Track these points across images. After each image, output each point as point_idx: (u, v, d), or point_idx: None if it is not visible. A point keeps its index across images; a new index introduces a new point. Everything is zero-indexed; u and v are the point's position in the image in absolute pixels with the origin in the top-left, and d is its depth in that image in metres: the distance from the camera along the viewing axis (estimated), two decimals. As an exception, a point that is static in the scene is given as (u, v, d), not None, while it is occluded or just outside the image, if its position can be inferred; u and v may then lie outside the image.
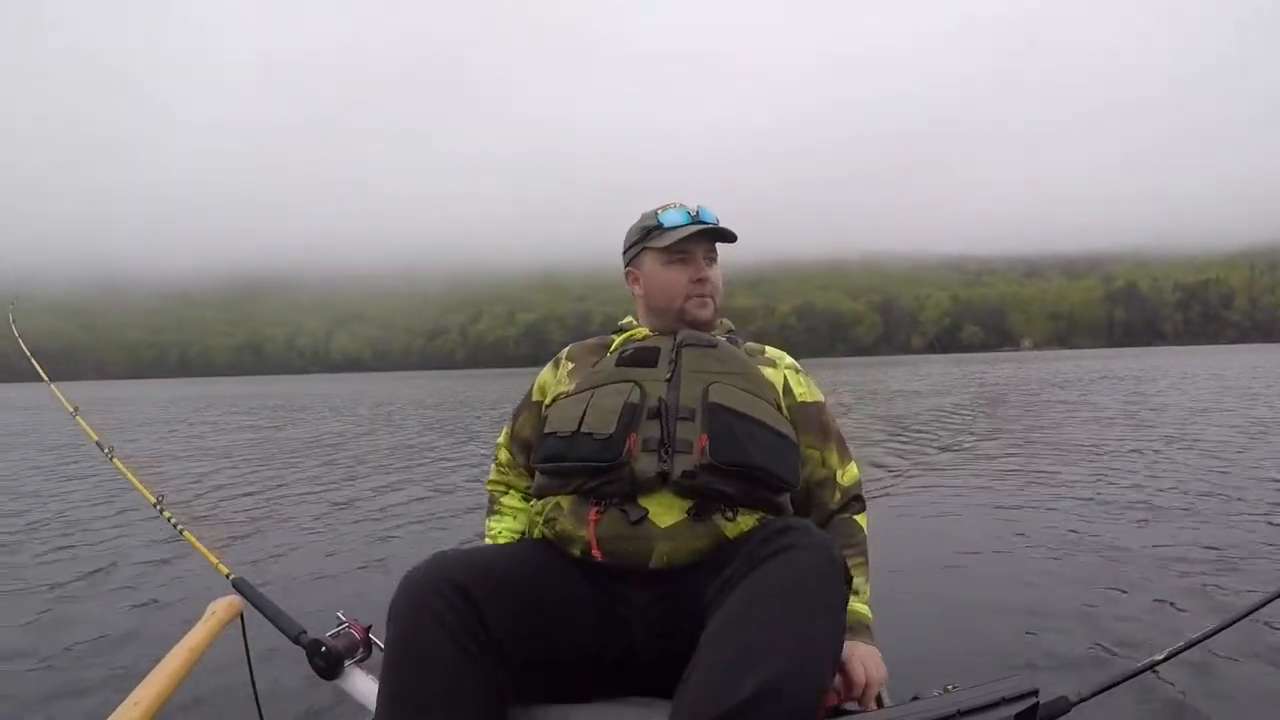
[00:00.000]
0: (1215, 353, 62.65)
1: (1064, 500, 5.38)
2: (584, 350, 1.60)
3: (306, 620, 1.48)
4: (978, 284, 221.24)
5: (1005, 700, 1.04)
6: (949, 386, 22.73)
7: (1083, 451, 7.93)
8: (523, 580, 1.25)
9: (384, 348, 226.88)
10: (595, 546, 1.31)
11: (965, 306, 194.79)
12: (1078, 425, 10.55)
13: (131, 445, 11.77)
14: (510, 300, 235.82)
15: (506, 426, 1.68)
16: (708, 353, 1.47)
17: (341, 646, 1.36)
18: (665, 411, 1.37)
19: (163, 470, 8.18)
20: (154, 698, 1.14)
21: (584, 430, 1.36)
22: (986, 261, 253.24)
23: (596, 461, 1.33)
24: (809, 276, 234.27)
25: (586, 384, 1.46)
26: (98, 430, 2.13)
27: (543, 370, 1.65)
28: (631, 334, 1.59)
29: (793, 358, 1.55)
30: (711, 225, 1.55)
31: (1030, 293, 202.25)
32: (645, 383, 1.41)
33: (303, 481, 7.29)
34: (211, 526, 5.05)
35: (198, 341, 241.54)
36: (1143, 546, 4.08)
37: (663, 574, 1.30)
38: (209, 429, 15.36)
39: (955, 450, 8.45)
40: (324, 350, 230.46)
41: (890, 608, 1.34)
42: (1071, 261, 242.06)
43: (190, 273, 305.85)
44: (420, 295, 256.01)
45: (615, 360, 1.49)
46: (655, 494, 1.32)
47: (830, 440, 1.54)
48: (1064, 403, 14.64)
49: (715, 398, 1.38)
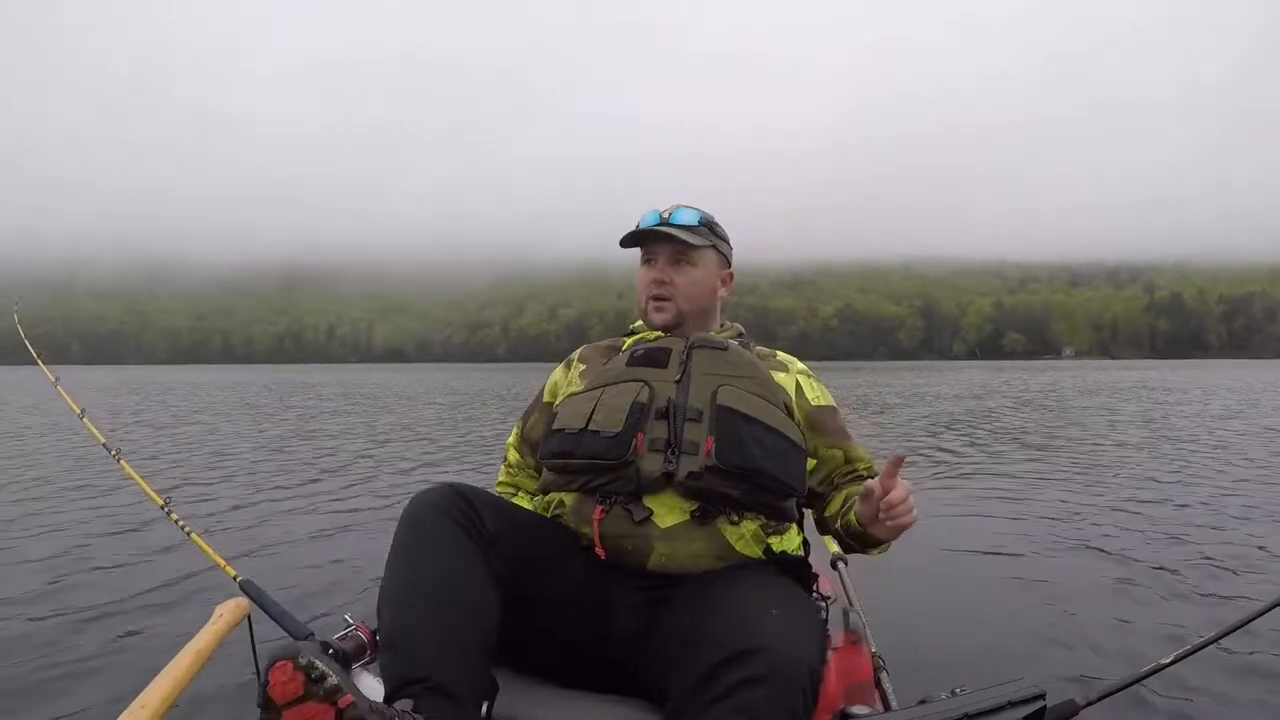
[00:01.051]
0: (1257, 366, 61.88)
1: (1073, 504, 5.46)
2: (596, 351, 1.62)
3: (314, 623, 1.49)
4: (1020, 290, 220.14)
5: (1012, 704, 1.05)
6: (983, 392, 22.87)
7: (1095, 457, 8.05)
8: (528, 523, 1.31)
9: (426, 339, 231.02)
10: (599, 544, 1.33)
11: (1008, 313, 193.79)
12: (1095, 431, 10.75)
13: (142, 441, 11.33)
14: (552, 296, 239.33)
15: (516, 427, 1.69)
16: (719, 355, 1.47)
17: (349, 649, 1.35)
18: (673, 412, 1.37)
19: (169, 467, 8.06)
20: (161, 700, 1.15)
21: (592, 427, 1.37)
22: (1029, 268, 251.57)
23: (603, 459, 1.34)
24: (850, 279, 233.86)
25: (597, 382, 1.47)
26: (105, 432, 2.10)
27: (555, 370, 1.67)
28: (644, 335, 1.61)
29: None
30: (646, 229, 1.54)
31: (1073, 301, 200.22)
32: (655, 383, 1.42)
33: (311, 481, 7.07)
34: (219, 528, 5.02)
35: (240, 329, 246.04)
36: (1151, 551, 4.10)
37: (657, 577, 1.31)
38: (222, 421, 14.75)
39: (968, 453, 8.57)
40: (365, 341, 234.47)
41: (897, 610, 1.25)
42: (1115, 270, 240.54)
43: (236, 262, 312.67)
44: (462, 289, 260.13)
45: (626, 360, 1.50)
46: (660, 494, 1.33)
47: (848, 439, 1.56)
48: (1084, 408, 14.95)
49: (724, 400, 1.38)
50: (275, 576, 3.74)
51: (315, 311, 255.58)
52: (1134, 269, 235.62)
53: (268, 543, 4.61)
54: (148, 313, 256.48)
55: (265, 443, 10.39)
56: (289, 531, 4.93)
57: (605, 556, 1.33)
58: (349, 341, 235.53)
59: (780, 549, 1.40)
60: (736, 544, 1.33)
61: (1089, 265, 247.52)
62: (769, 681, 1.02)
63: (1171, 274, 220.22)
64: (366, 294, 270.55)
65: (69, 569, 4.05)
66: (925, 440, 9.95)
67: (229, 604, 1.49)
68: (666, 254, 1.57)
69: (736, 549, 1.33)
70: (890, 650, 1.40)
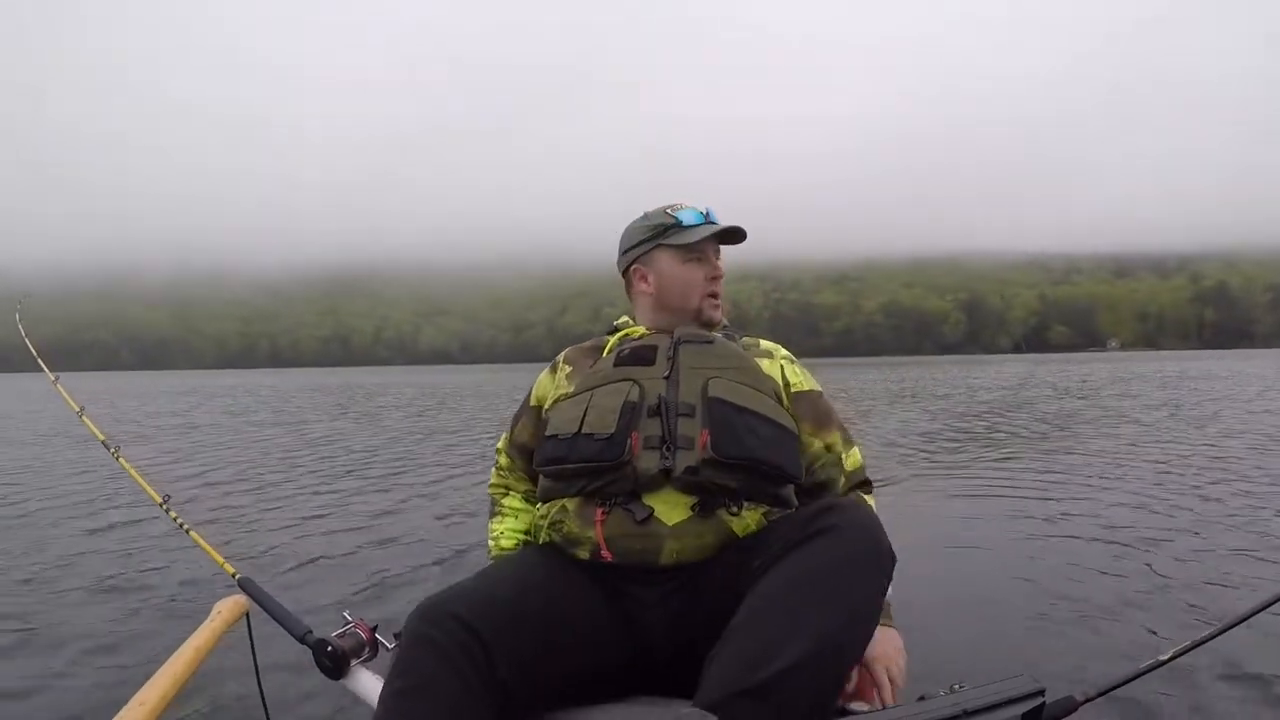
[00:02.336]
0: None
1: (1074, 499, 5.46)
2: (580, 353, 1.63)
3: (313, 620, 1.50)
4: (1065, 282, 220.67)
5: (1011, 700, 1.06)
6: (1013, 385, 23.30)
7: (1098, 451, 8.08)
8: (532, 609, 1.25)
9: (471, 341, 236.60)
10: (604, 547, 1.32)
11: (1053, 306, 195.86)
12: (1104, 425, 10.77)
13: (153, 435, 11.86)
14: (596, 295, 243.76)
15: (505, 432, 1.71)
16: (705, 349, 1.50)
17: (348, 646, 1.37)
18: (665, 408, 1.38)
19: (169, 465, 8.25)
20: (160, 697, 1.15)
21: (585, 431, 1.38)
22: (1074, 259, 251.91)
23: (599, 461, 1.35)
24: (894, 273, 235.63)
25: (585, 385, 1.48)
26: (103, 429, 2.15)
27: (540, 375, 1.67)
28: (628, 333, 1.62)
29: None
30: (729, 227, 1.61)
31: (1119, 292, 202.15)
32: (644, 381, 1.43)
33: (312, 479, 7.19)
34: (217, 525, 5.02)
35: (286, 334, 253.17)
36: (1151, 545, 4.10)
37: (674, 570, 1.32)
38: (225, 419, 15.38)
39: (970, 448, 8.64)
40: (411, 343, 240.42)
41: (896, 605, 1.36)
42: (1161, 259, 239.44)
43: (284, 269, 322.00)
44: (506, 290, 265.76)
45: (613, 360, 1.50)
46: (659, 491, 1.34)
47: (830, 426, 1.57)
48: (1101, 407, 14.74)
49: (715, 392, 1.40)
50: (273, 573, 3.85)
51: (361, 315, 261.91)
52: (1181, 258, 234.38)
53: (266, 539, 4.67)
54: (196, 319, 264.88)
55: (271, 441, 10.97)
56: (287, 528, 4.99)
57: (611, 559, 1.33)
58: (394, 344, 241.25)
59: None
60: (741, 534, 1.34)
61: (1134, 255, 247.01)
62: (803, 671, 1.04)
63: (1218, 263, 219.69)
64: (412, 297, 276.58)
65: (74, 568, 4.09)
66: (930, 433, 10.33)
67: (228, 601, 1.51)
68: (716, 253, 1.64)
69: (742, 539, 1.35)
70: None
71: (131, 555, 4.33)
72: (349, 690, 1.38)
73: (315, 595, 3.52)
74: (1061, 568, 3.80)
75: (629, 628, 1.31)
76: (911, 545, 3.94)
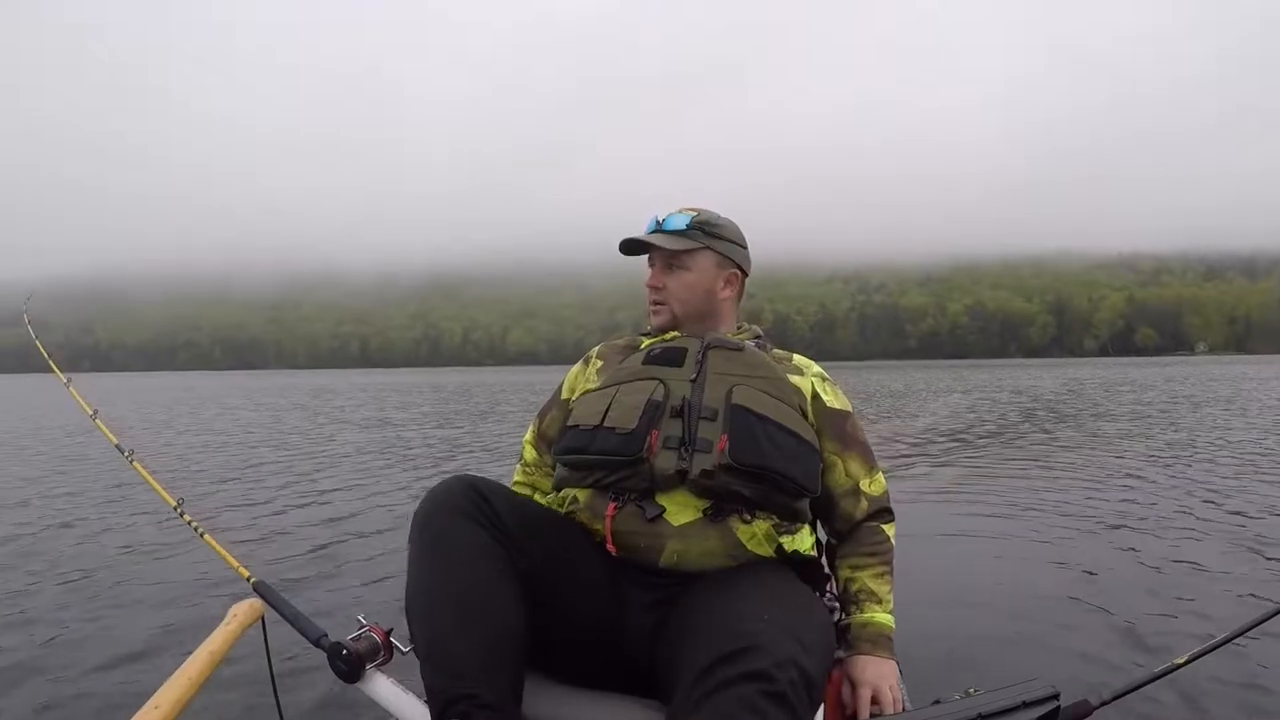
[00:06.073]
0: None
1: (1089, 504, 5.60)
2: (614, 349, 1.71)
3: (327, 623, 1.52)
4: (1154, 284, 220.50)
5: (1026, 704, 1.09)
6: (1058, 391, 23.77)
7: (1114, 457, 8.29)
8: (543, 518, 1.37)
9: (558, 342, 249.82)
10: (610, 541, 1.39)
11: (1139, 308, 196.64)
12: (1125, 432, 11.08)
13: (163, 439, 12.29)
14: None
15: (533, 424, 1.76)
16: (734, 356, 1.55)
17: (363, 649, 1.40)
18: (688, 410, 1.43)
19: (183, 464, 8.56)
20: (174, 701, 1.18)
21: (607, 424, 1.43)
22: (1163, 260, 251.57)
23: (617, 456, 1.40)
24: (981, 275, 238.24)
25: (613, 380, 1.55)
26: (117, 433, 2.22)
27: (573, 368, 1.75)
28: (662, 335, 1.69)
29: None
30: (630, 239, 1.66)
31: (1208, 294, 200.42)
32: (670, 381, 1.48)
33: (326, 482, 7.33)
34: (232, 529, 5.11)
35: (377, 335, 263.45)
36: (1166, 550, 4.16)
37: (669, 575, 1.39)
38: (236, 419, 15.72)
39: (988, 453, 8.86)
40: (499, 344, 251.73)
41: (912, 611, 1.41)
42: (1250, 260, 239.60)
43: (379, 272, 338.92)
44: (595, 293, 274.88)
45: (643, 358, 1.57)
46: (673, 492, 1.39)
47: (852, 449, 1.61)
48: (1130, 410, 15.00)
49: (738, 399, 1.44)
50: (288, 577, 3.95)
51: (450, 317, 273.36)
52: (1273, 258, 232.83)
53: (281, 543, 4.84)
54: (288, 320, 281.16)
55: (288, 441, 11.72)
56: (302, 531, 5.19)
57: (617, 553, 1.40)
58: (483, 345, 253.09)
59: (792, 549, 1.47)
60: (748, 543, 1.39)
61: (1224, 255, 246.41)
62: (756, 680, 1.07)
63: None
64: (498, 300, 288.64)
65: (87, 571, 4.21)
66: (954, 434, 10.73)
67: (243, 605, 1.54)
68: (660, 259, 1.67)
69: (748, 548, 1.39)
70: (903, 651, 1.44)
71: (146, 559, 4.47)
72: (364, 694, 1.41)
73: (331, 599, 3.64)
74: (1077, 573, 3.88)
75: (617, 610, 1.40)
76: (927, 547, 4.38)
